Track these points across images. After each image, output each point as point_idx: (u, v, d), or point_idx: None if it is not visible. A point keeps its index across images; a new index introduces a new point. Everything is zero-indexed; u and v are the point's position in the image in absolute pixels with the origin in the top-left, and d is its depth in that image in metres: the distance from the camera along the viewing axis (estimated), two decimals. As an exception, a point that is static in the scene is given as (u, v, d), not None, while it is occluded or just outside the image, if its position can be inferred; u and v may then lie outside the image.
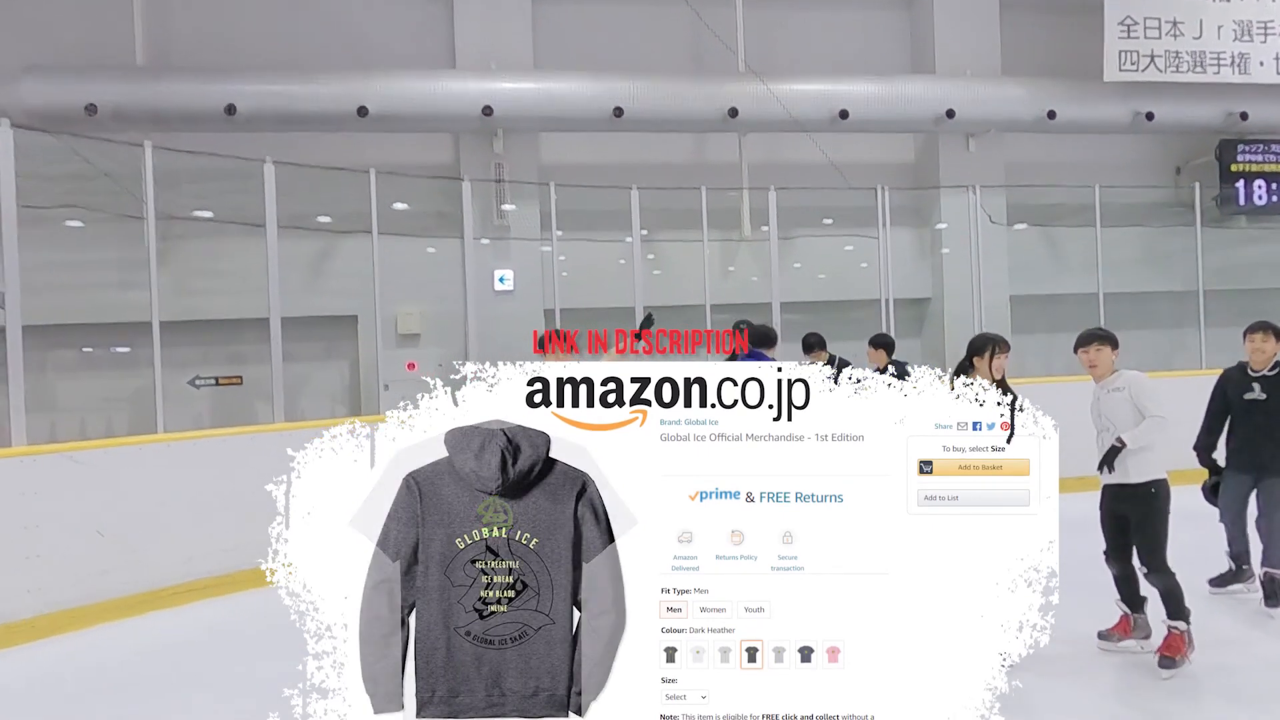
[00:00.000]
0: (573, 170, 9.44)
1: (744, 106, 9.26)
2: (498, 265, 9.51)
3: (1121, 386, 4.01)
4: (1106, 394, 4.04)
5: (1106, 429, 4.01)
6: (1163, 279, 10.76)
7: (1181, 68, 9.72)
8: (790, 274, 9.59)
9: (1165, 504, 3.91)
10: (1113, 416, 3.99)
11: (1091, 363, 4.08)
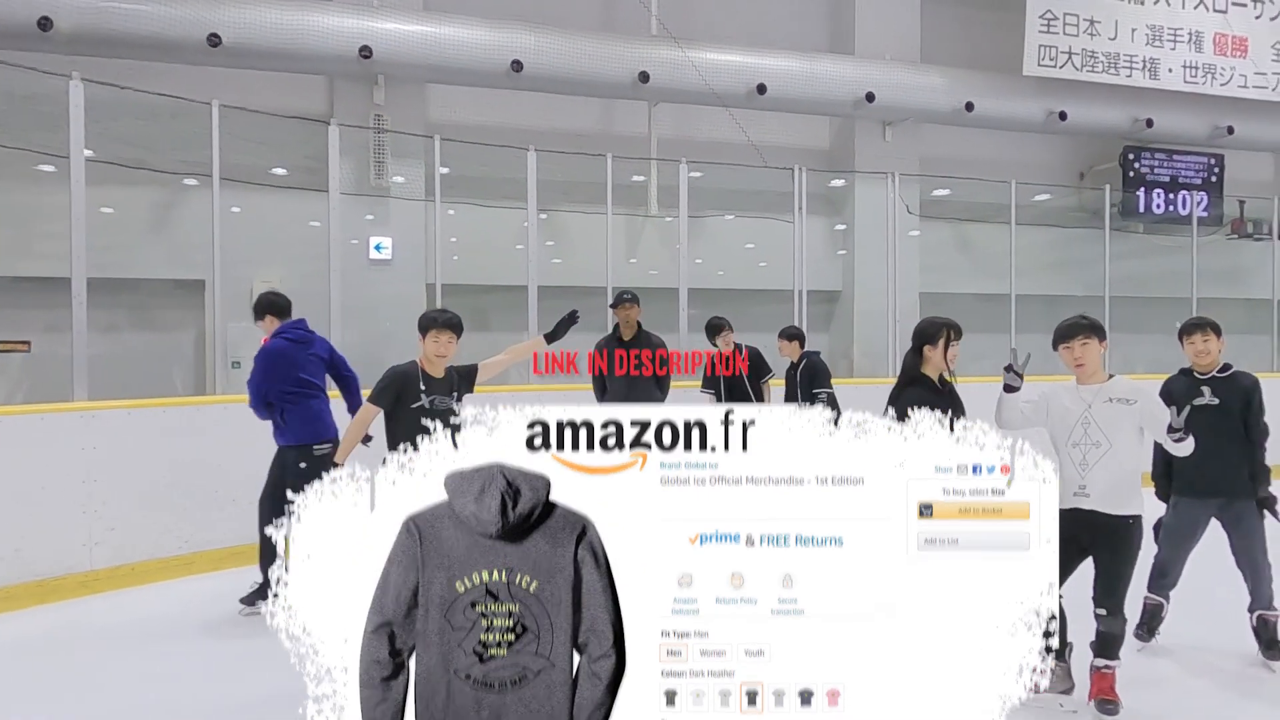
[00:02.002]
0: (464, 130, 8.43)
1: (656, 72, 8.50)
2: (374, 231, 8.42)
3: (1130, 398, 3.36)
4: (1102, 403, 3.37)
5: (1096, 444, 3.36)
6: (1066, 282, 10.71)
7: (1097, 67, 9.59)
8: (696, 255, 8.91)
9: (1140, 542, 3.40)
10: (1111, 431, 3.34)
11: (1078, 360, 3.41)
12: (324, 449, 4.64)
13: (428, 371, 3.93)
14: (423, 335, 3.93)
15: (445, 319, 3.93)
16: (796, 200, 8.35)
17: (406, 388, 3.85)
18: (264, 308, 4.84)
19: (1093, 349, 3.41)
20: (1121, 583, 3.35)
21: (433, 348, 3.90)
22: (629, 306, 5.68)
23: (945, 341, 3.59)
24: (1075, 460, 3.40)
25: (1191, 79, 9.98)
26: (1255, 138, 10.85)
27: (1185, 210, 10.74)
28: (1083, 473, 3.37)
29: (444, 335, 3.91)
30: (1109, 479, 3.33)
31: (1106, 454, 3.33)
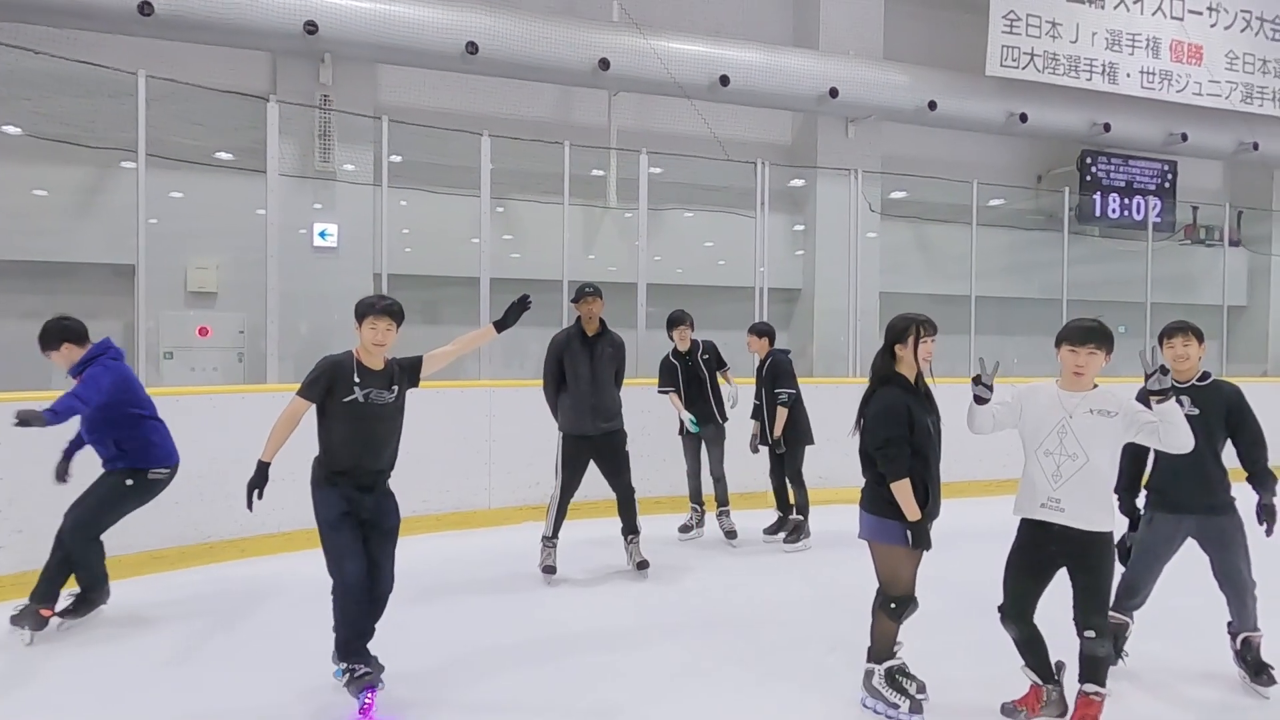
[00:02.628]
0: (415, 115, 8.08)
1: (617, 59, 8.24)
2: (319, 218, 8.03)
3: (1112, 410, 3.14)
4: (1084, 414, 3.15)
5: (1073, 457, 3.14)
6: (1023, 285, 10.73)
7: (1058, 70, 9.59)
8: (656, 251, 8.68)
9: (1114, 558, 3.24)
10: (1089, 445, 3.12)
11: (1080, 368, 3.17)
12: (161, 474, 4.39)
13: (364, 362, 3.61)
14: (359, 322, 3.61)
15: (384, 305, 3.61)
16: (759, 195, 8.16)
17: (338, 379, 3.53)
18: (59, 335, 4.22)
19: (1098, 362, 3.19)
20: (1105, 600, 3.19)
21: (369, 335, 3.58)
22: (592, 300, 5.35)
23: (915, 339, 3.39)
24: (1047, 470, 3.20)
25: (1148, 84, 10.04)
26: (1207, 145, 10.98)
27: (1140, 215, 10.83)
28: (1055, 484, 3.18)
29: (382, 322, 3.59)
30: (1084, 494, 3.13)
31: (1083, 468, 3.14)
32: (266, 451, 3.51)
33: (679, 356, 6.46)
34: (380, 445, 3.63)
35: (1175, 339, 3.67)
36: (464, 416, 6.78)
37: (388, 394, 3.65)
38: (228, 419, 5.62)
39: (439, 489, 6.66)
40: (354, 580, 3.48)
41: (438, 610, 4.77)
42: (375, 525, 3.63)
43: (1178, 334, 3.67)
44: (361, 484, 3.58)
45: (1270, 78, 10.65)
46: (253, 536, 5.71)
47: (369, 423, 3.57)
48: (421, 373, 3.82)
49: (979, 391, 3.36)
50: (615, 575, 5.48)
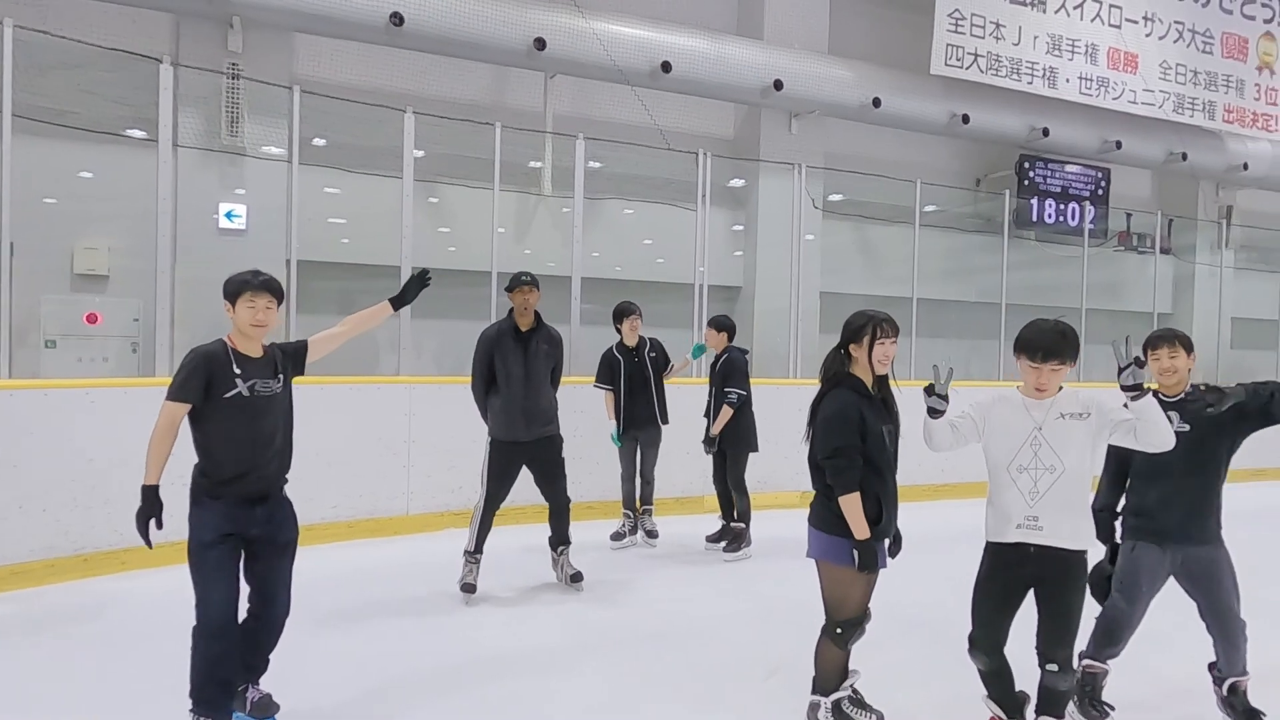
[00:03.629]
0: (335, 90, 7.49)
1: (554, 40, 7.81)
2: (226, 197, 7.38)
3: (1082, 411, 2.87)
4: (1054, 420, 2.88)
5: (1050, 468, 2.86)
6: (961, 288, 10.69)
7: (1001, 71, 9.53)
8: (593, 245, 8.27)
9: (1086, 583, 2.96)
10: (1064, 452, 2.86)
11: (1041, 385, 2.88)
12: None
13: (241, 350, 3.11)
14: (232, 303, 3.08)
15: (262, 280, 3.11)
16: (700, 187, 7.83)
17: (216, 373, 3.02)
18: None
19: (1061, 377, 2.88)
20: (1074, 630, 2.90)
21: (247, 315, 3.07)
22: (529, 290, 4.86)
23: (872, 339, 3.06)
24: (1024, 488, 2.89)
25: (1086, 90, 10.08)
26: (1139, 154, 11.11)
27: (1075, 221, 10.89)
28: (1033, 501, 2.88)
29: (261, 299, 3.08)
30: (1063, 508, 2.86)
31: (1060, 479, 2.85)
32: (150, 473, 2.98)
33: (624, 351, 6.10)
34: (272, 445, 3.14)
35: (1161, 349, 3.28)
36: (380, 415, 6.27)
37: (274, 383, 3.15)
38: (109, 415, 5.01)
39: (352, 493, 6.14)
40: (220, 616, 2.97)
41: (345, 635, 4.26)
42: (269, 541, 3.14)
43: (1163, 344, 3.29)
44: (253, 493, 3.08)
45: (1200, 89, 10.82)
46: (136, 548, 5.06)
47: (257, 419, 3.07)
48: (309, 357, 3.34)
49: (933, 404, 3.00)
50: (543, 590, 5.06)
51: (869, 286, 10.14)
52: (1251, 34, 11.16)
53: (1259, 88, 11.27)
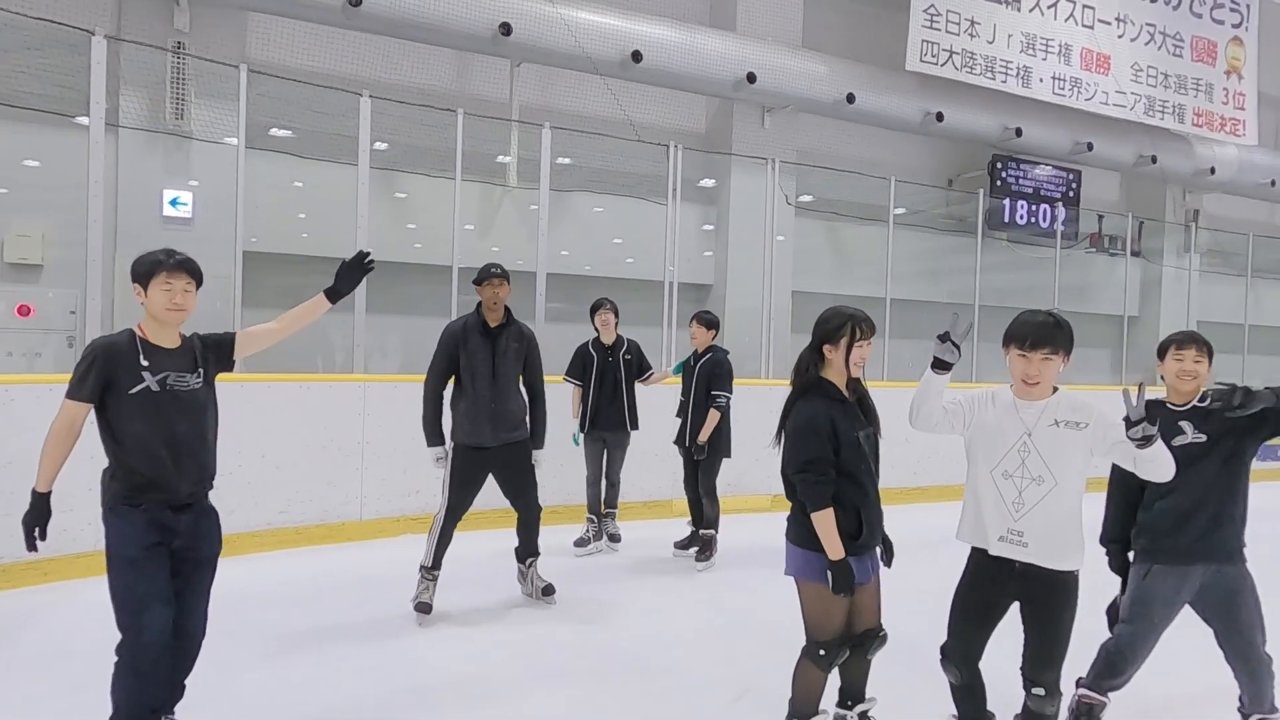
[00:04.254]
0: (290, 75, 7.14)
1: (520, 25, 7.52)
2: (171, 183, 6.99)
3: (1079, 420, 2.62)
4: (1046, 427, 2.64)
5: (1038, 480, 2.62)
6: (933, 289, 10.56)
7: (975, 69, 9.42)
8: (561, 241, 8.00)
9: (1076, 602, 2.72)
10: (1056, 464, 2.60)
11: (1032, 377, 2.63)
12: None
13: (152, 340, 2.77)
14: (144, 286, 2.75)
15: (178, 259, 2.78)
16: (671, 180, 7.59)
17: (119, 366, 2.69)
18: None
19: (1054, 368, 2.63)
20: (1062, 651, 2.69)
21: (162, 298, 2.73)
22: (499, 284, 4.48)
23: (850, 340, 2.82)
24: (1008, 496, 2.67)
25: (1060, 90, 10.02)
26: (1110, 156, 11.09)
27: (1046, 222, 10.83)
28: (1017, 514, 2.65)
29: (179, 280, 2.75)
30: (1051, 525, 2.62)
31: (1050, 493, 2.61)
32: (41, 479, 2.67)
33: (599, 348, 5.86)
34: (191, 447, 2.80)
35: (1186, 351, 3.01)
36: (333, 415, 5.94)
37: (191, 378, 2.81)
38: (25, 414, 4.63)
39: (301, 497, 5.80)
40: (155, 638, 2.65)
41: (285, 658, 3.92)
42: (189, 554, 2.81)
43: (1189, 345, 3.01)
44: (174, 501, 2.76)
45: (1170, 92, 10.83)
46: (59, 557, 4.73)
47: (170, 419, 2.74)
48: (236, 353, 2.99)
49: (942, 352, 2.63)
50: (507, 607, 4.71)
51: (841, 286, 9.97)
52: (1220, 38, 11.20)
53: (1227, 92, 11.31)
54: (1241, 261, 11.74)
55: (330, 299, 3.14)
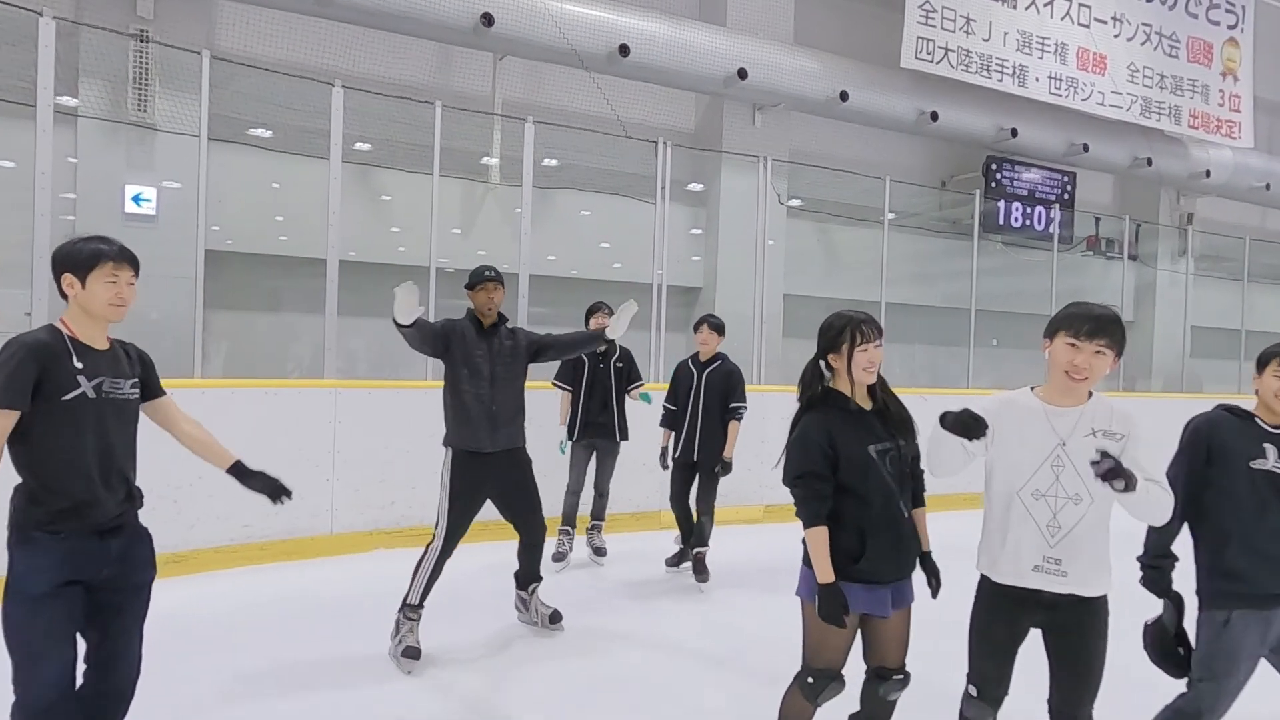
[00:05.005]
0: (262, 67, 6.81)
1: (503, 16, 7.22)
2: (133, 177, 6.64)
3: (1118, 430, 2.34)
4: (1082, 438, 2.34)
5: (1075, 498, 2.32)
6: (927, 292, 10.33)
7: (971, 67, 9.20)
8: (546, 242, 7.69)
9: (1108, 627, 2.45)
10: (1091, 475, 2.24)
11: (1080, 371, 2.30)
12: None
13: (83, 340, 2.44)
14: (80, 278, 2.41)
15: (119, 248, 2.46)
16: (659, 178, 7.31)
17: (51, 368, 2.35)
18: None
19: (1105, 366, 2.31)
20: (1098, 684, 2.40)
21: (105, 293, 2.41)
22: (493, 287, 4.10)
23: (850, 345, 2.58)
24: (1040, 519, 2.35)
25: (1056, 90, 9.81)
26: (1105, 158, 10.90)
27: (1042, 225, 10.63)
28: (1053, 538, 2.34)
29: (125, 273, 2.44)
30: (1089, 550, 2.33)
31: (1088, 512, 2.32)
32: None
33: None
34: (121, 463, 2.48)
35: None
36: (301, 423, 5.60)
37: (126, 385, 2.50)
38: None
39: (267, 511, 5.42)
40: (53, 697, 2.30)
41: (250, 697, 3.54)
42: (119, 585, 2.47)
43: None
44: (102, 524, 2.42)
45: (1167, 93, 10.65)
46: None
47: (105, 430, 2.42)
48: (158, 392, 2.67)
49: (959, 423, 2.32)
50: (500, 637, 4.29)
51: (833, 289, 9.74)
52: (1216, 39, 11.05)
53: (1223, 93, 11.15)
54: (1235, 266, 11.58)
55: (234, 470, 2.74)
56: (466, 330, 4.09)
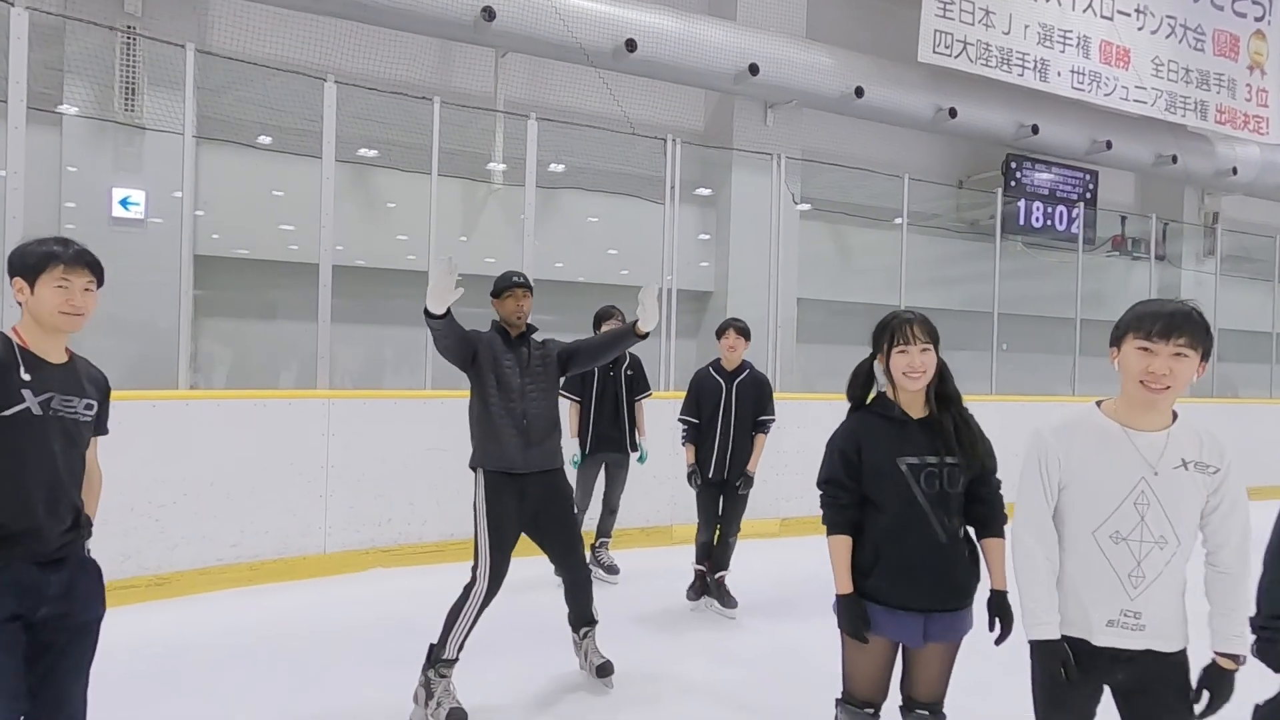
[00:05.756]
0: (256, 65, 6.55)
1: (504, 11, 6.95)
2: (120, 179, 6.38)
3: (1212, 463, 1.99)
4: (1171, 470, 1.98)
5: (1161, 541, 1.98)
6: (945, 295, 9.98)
7: (991, 61, 8.88)
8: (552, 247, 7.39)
9: None
10: (1179, 519, 1.97)
11: (1158, 379, 1.94)
12: None
13: (33, 351, 2.18)
14: (29, 282, 2.16)
15: (76, 250, 2.19)
16: (668, 178, 7.01)
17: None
18: None
19: (1189, 370, 1.95)
20: None
21: (56, 299, 2.15)
22: (522, 294, 3.67)
23: (889, 347, 2.38)
24: (1121, 568, 1.99)
25: (1078, 85, 9.48)
26: (1129, 156, 10.55)
27: (1063, 225, 10.28)
28: (1135, 589, 1.99)
29: (79, 277, 2.18)
30: (1170, 600, 2.02)
31: (1173, 559, 1.99)
32: None
33: None
34: (67, 488, 2.21)
35: None
36: (292, 435, 5.31)
37: (79, 404, 2.23)
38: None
39: (256, 528, 5.16)
40: None
41: None
42: (63, 623, 2.19)
43: None
44: (43, 556, 2.15)
45: (1192, 88, 10.30)
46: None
47: (50, 452, 2.16)
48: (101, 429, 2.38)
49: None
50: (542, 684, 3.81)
51: (848, 293, 9.43)
52: (1243, 32, 10.69)
53: (1250, 88, 10.79)
54: (1263, 267, 11.20)
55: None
56: (494, 340, 3.66)
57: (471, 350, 3.56)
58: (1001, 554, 2.38)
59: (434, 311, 3.26)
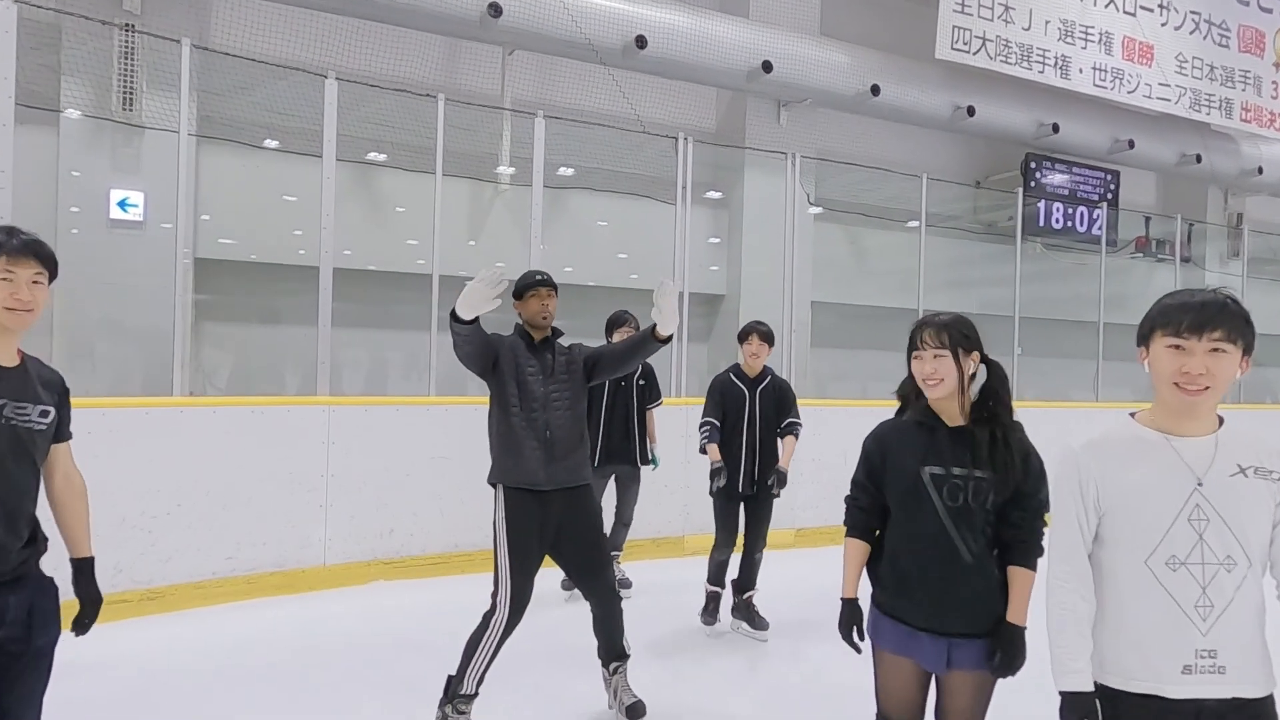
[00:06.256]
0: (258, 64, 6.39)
1: (511, 6, 6.77)
2: (118, 180, 6.22)
3: (1275, 470, 1.75)
4: (1226, 478, 1.73)
5: (1228, 563, 1.71)
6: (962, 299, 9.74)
7: (1010, 58, 8.65)
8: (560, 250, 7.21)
9: None
10: (1241, 528, 1.72)
11: (1194, 380, 1.70)
12: None
13: None
14: None
15: (22, 240, 2.02)
16: (680, 176, 6.82)
17: None
18: None
19: (1229, 367, 1.70)
20: None
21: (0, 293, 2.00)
22: (546, 294, 3.42)
23: (909, 352, 2.30)
24: (1184, 599, 1.71)
25: (1100, 82, 9.23)
26: (1152, 155, 10.29)
27: (1084, 226, 10.03)
28: (1205, 622, 1.70)
29: (25, 268, 2.01)
30: (1248, 632, 1.73)
31: (1245, 581, 1.71)
32: None
33: None
34: (27, 501, 2.06)
35: None
36: (291, 443, 5.14)
37: (34, 411, 2.06)
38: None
39: (254, 539, 4.99)
40: None
41: None
42: (16, 650, 2.02)
43: None
44: (5, 574, 2.00)
45: (1217, 85, 10.04)
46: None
47: (3, 463, 2.00)
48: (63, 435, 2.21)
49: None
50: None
51: (864, 296, 9.22)
52: (1269, 28, 10.42)
53: (1276, 85, 10.52)
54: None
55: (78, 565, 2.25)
56: (516, 345, 3.40)
57: (493, 356, 3.30)
58: (1026, 587, 2.17)
59: (463, 317, 3.06)
